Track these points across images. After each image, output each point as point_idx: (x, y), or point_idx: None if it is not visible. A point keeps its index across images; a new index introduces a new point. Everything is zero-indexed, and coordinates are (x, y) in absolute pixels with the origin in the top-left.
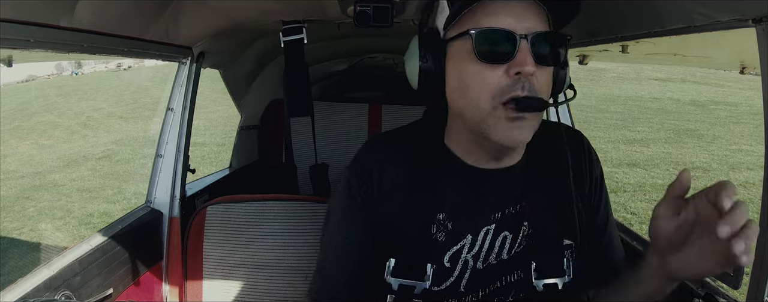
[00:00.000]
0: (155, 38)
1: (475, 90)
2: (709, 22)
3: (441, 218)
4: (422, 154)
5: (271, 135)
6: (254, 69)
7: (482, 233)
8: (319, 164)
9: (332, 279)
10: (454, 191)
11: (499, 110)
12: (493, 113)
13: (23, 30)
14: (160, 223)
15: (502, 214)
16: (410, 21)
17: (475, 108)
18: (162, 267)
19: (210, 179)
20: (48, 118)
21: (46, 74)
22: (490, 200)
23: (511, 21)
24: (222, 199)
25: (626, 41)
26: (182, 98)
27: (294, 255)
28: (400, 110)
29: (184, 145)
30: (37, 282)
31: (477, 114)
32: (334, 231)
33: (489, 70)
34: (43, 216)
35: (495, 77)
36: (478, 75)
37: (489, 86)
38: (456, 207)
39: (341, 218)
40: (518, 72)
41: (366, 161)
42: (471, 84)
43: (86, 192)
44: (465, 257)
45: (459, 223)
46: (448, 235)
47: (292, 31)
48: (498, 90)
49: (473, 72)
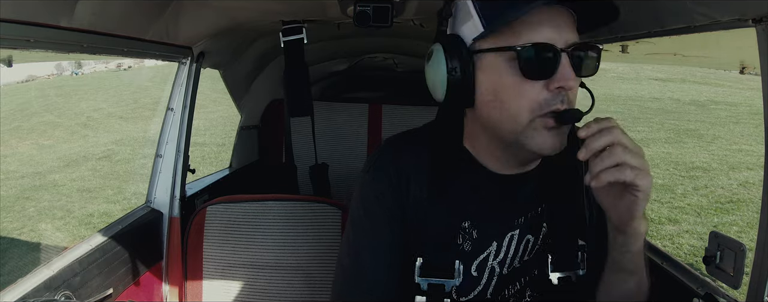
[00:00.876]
0: (155, 38)
1: (513, 104)
2: (709, 22)
3: (466, 227)
4: (443, 161)
5: (271, 135)
6: (254, 69)
7: (507, 239)
8: (319, 164)
9: (365, 281)
10: (477, 199)
11: (537, 121)
12: (531, 124)
13: (23, 30)
14: (160, 223)
15: (526, 218)
16: (410, 21)
17: (512, 121)
18: (162, 267)
19: (210, 179)
20: (48, 118)
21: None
22: (513, 206)
23: (551, 33)
24: (222, 199)
25: (626, 41)
26: (182, 97)
27: (294, 255)
28: (400, 110)
29: (184, 145)
30: (37, 282)
31: (515, 127)
32: (362, 215)
33: (528, 85)
34: (43, 216)
35: (534, 92)
36: (516, 89)
37: (528, 100)
38: (480, 215)
39: (373, 222)
40: (560, 86)
41: (388, 167)
42: (508, 98)
43: (86, 192)
44: (491, 264)
45: (484, 231)
46: (473, 243)
47: (292, 31)
48: (537, 105)
49: (511, 86)
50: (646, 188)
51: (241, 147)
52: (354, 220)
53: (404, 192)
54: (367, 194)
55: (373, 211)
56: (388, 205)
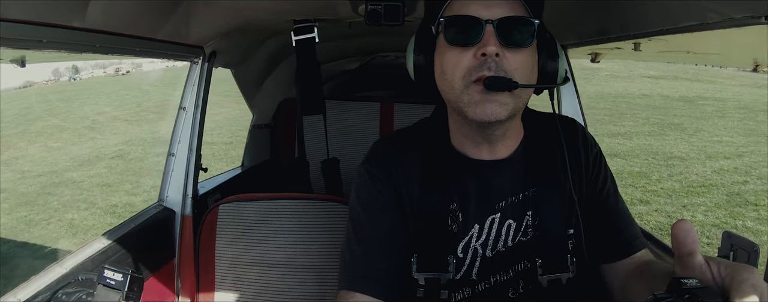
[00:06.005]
0: (167, 38)
1: (449, 72)
2: (722, 19)
3: (454, 209)
4: (430, 153)
5: (283, 134)
6: (266, 68)
7: (488, 222)
8: (330, 159)
9: (368, 272)
10: (461, 185)
11: (471, 88)
12: (466, 91)
13: (35, 31)
14: (172, 221)
15: (506, 203)
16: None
17: (451, 89)
18: (174, 265)
19: (222, 178)
20: (54, 122)
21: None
22: (493, 191)
23: (479, 9)
24: (234, 198)
25: (639, 39)
26: (194, 97)
27: (306, 254)
28: (411, 108)
29: (196, 144)
30: (49, 280)
31: (453, 94)
32: (361, 209)
33: (460, 54)
34: (68, 208)
35: (465, 60)
36: (452, 59)
37: (460, 67)
38: (464, 200)
39: (366, 196)
40: (484, 53)
41: (381, 159)
42: (446, 68)
43: (106, 187)
44: (474, 246)
45: (467, 214)
46: (459, 226)
47: (304, 30)
48: (467, 70)
49: (449, 57)
50: None
51: (253, 146)
52: (353, 214)
53: (397, 181)
54: (364, 187)
55: (369, 202)
56: (383, 194)
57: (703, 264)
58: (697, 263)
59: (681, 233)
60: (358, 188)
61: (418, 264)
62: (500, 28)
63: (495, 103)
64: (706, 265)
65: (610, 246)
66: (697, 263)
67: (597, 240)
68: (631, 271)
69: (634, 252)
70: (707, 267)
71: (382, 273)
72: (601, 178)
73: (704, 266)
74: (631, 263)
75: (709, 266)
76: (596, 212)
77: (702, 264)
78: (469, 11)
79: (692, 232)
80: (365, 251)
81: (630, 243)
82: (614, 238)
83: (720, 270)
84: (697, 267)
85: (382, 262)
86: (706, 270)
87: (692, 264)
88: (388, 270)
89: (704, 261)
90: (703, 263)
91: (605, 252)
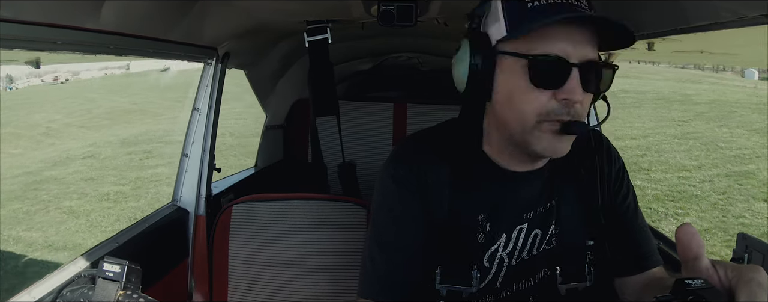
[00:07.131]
0: (180, 39)
1: (522, 106)
2: (736, 18)
3: (480, 220)
4: (461, 159)
5: (296, 135)
6: (279, 69)
7: (515, 231)
8: (347, 163)
9: (389, 280)
10: (490, 194)
11: (544, 126)
12: (538, 127)
13: (50, 32)
14: (186, 221)
15: (534, 213)
16: (434, 20)
17: (518, 122)
18: (187, 265)
19: (235, 178)
20: (6, 130)
21: None
22: (523, 201)
23: (566, 47)
24: (248, 198)
25: (652, 39)
26: (208, 98)
27: (319, 255)
28: (425, 109)
29: (209, 144)
30: (63, 278)
31: (521, 127)
32: (384, 216)
33: (538, 92)
34: (61, 199)
35: (543, 99)
36: (527, 94)
37: (537, 105)
38: (492, 209)
39: (396, 220)
40: (566, 98)
41: (408, 160)
42: (519, 101)
43: (91, 181)
44: (501, 255)
45: (496, 224)
46: (486, 236)
47: (317, 31)
48: (544, 111)
49: (523, 90)
50: None
51: (267, 146)
52: (376, 220)
53: (425, 188)
54: (389, 192)
55: (395, 208)
56: (410, 201)
57: (710, 268)
58: (703, 267)
59: (685, 237)
60: (382, 192)
61: (441, 276)
62: (585, 72)
63: (565, 142)
64: (713, 269)
65: (625, 260)
66: (704, 267)
67: (613, 253)
68: (644, 286)
69: (648, 269)
70: (714, 271)
71: (402, 283)
72: (623, 192)
73: (711, 269)
74: (644, 278)
75: (716, 269)
76: (615, 225)
77: (708, 268)
78: (555, 49)
79: (696, 236)
80: (386, 259)
81: (645, 259)
82: (630, 253)
83: (727, 273)
84: (704, 271)
85: (403, 272)
86: (713, 273)
87: (699, 268)
88: (410, 280)
89: (711, 265)
90: (710, 266)
91: (620, 265)
